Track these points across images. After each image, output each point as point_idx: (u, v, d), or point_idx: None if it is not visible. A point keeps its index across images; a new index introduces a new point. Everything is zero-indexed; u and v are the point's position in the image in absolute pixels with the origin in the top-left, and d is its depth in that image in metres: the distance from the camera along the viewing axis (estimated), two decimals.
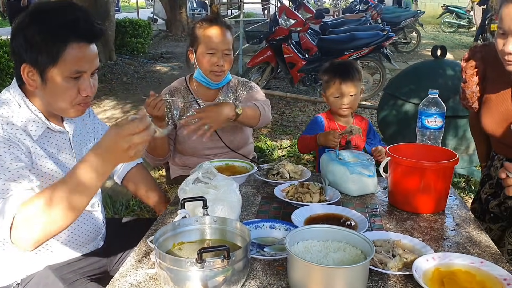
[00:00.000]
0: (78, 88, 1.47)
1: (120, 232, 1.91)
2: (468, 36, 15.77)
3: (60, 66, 1.41)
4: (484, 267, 1.33)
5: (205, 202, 1.46)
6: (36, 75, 1.43)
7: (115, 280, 1.34)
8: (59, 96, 1.46)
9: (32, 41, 1.39)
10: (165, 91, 2.49)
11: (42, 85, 1.44)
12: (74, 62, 1.42)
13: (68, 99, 1.47)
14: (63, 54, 1.40)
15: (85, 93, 1.48)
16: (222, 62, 2.34)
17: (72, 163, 1.63)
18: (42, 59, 1.40)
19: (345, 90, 2.44)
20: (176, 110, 2.46)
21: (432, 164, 1.74)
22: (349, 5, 15.06)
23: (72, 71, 1.43)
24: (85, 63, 1.45)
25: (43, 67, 1.41)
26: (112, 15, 9.92)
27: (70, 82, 1.44)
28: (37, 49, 1.39)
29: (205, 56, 2.33)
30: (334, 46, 7.19)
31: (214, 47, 2.32)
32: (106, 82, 8.53)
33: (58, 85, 1.43)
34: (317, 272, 1.19)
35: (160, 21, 17.60)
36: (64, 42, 1.40)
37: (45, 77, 1.42)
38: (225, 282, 1.21)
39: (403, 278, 1.34)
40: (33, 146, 1.48)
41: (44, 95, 1.48)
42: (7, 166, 1.34)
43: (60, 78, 1.42)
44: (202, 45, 2.33)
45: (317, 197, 1.82)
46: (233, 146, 2.51)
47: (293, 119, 6.34)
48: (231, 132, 2.49)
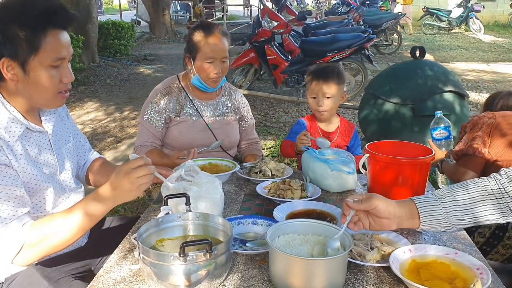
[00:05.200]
0: (60, 76, 1.51)
1: (103, 230, 1.92)
2: (449, 38, 16.03)
3: (41, 55, 1.44)
4: (459, 258, 1.37)
5: (188, 198, 1.48)
6: (17, 68, 1.44)
7: (99, 276, 1.35)
8: (42, 86, 1.49)
9: (9, 34, 1.41)
10: (160, 90, 2.52)
11: (25, 78, 1.46)
12: (54, 49, 1.46)
13: (51, 88, 1.50)
14: (43, 42, 1.43)
15: (67, 79, 1.53)
16: (220, 70, 2.40)
17: (53, 163, 1.64)
18: (23, 50, 1.42)
19: (321, 91, 2.44)
20: (172, 106, 2.49)
21: (409, 160, 1.79)
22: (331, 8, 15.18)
23: (53, 58, 1.46)
24: (64, 49, 1.49)
25: (24, 58, 1.43)
26: (94, 17, 9.85)
27: (52, 71, 1.48)
28: (16, 41, 1.41)
29: (203, 64, 2.39)
30: (317, 48, 7.26)
31: (212, 56, 2.38)
32: (89, 84, 8.48)
33: (40, 75, 1.46)
34: (297, 264, 1.22)
35: (143, 23, 17.52)
36: (43, 31, 1.43)
37: (27, 68, 1.44)
38: (208, 275, 1.23)
39: (381, 269, 1.38)
40: (14, 146, 1.48)
41: (25, 89, 1.49)
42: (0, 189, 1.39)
43: (42, 68, 1.46)
44: (201, 54, 2.39)
45: (298, 193, 1.86)
46: (226, 146, 2.57)
47: (277, 120, 6.39)
48: (225, 133, 2.55)
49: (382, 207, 1.38)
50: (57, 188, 1.64)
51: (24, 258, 1.41)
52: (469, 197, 1.39)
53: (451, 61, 11.13)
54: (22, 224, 1.40)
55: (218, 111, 2.58)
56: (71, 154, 1.77)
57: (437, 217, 1.39)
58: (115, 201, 1.43)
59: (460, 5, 17.13)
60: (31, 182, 1.52)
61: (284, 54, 7.35)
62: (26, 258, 1.41)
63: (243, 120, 2.72)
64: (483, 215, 1.38)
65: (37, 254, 1.42)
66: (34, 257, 1.43)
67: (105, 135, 5.70)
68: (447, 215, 1.38)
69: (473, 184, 1.42)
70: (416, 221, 1.41)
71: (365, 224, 1.42)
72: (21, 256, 1.39)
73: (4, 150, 1.44)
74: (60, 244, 1.44)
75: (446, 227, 1.41)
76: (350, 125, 2.65)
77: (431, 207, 1.40)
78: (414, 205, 1.41)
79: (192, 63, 2.44)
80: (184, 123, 2.48)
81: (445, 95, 3.85)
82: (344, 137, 2.57)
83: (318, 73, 2.48)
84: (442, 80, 3.89)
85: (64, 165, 1.70)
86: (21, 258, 1.40)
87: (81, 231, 1.45)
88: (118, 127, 6.05)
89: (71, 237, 1.44)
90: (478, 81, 8.93)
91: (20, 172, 1.48)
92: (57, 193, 1.63)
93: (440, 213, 1.39)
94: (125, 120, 6.36)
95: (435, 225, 1.40)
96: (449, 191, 1.42)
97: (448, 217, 1.38)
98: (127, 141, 5.29)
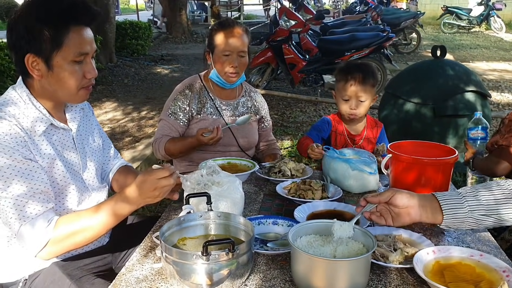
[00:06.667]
0: (83, 71, 1.53)
1: (125, 229, 1.93)
2: (468, 37, 15.80)
3: (64, 51, 1.47)
4: (484, 260, 1.35)
5: (209, 197, 1.48)
6: (41, 64, 1.48)
7: (122, 274, 1.36)
8: (66, 81, 1.51)
9: (34, 31, 1.44)
10: (183, 87, 2.55)
11: (48, 73, 1.49)
12: (76, 45, 1.48)
13: (75, 83, 1.53)
14: (65, 38, 1.46)
15: (90, 75, 1.55)
16: (237, 64, 2.41)
17: (76, 162, 1.66)
18: (46, 46, 1.45)
19: (357, 94, 2.33)
20: (194, 104, 2.51)
21: (432, 160, 1.77)
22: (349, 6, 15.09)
23: (76, 53, 1.49)
24: (87, 45, 1.52)
25: (48, 54, 1.46)
26: (112, 17, 9.95)
27: (75, 66, 1.51)
28: (40, 37, 1.44)
29: (220, 58, 2.42)
30: (335, 47, 7.21)
31: (229, 49, 2.39)
32: (107, 84, 8.56)
33: (64, 70, 1.49)
34: (320, 265, 1.21)
35: (159, 23, 17.62)
36: (65, 27, 1.46)
37: (51, 63, 1.48)
38: (229, 275, 1.23)
39: (404, 271, 1.37)
40: (39, 141, 1.51)
41: (50, 84, 1.52)
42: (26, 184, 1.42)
43: (66, 63, 1.49)
44: (218, 47, 2.42)
45: (319, 194, 1.85)
46: (244, 147, 2.58)
47: (294, 120, 6.36)
48: (245, 133, 2.56)
49: (399, 196, 1.40)
50: (80, 186, 1.66)
51: (49, 253, 1.44)
52: (493, 198, 1.38)
53: (471, 61, 10.95)
54: (47, 220, 1.43)
55: (238, 111, 2.59)
56: (95, 154, 1.79)
57: (461, 213, 1.38)
58: (139, 205, 1.47)
59: (481, 3, 16.84)
60: (55, 178, 1.55)
61: (302, 53, 7.33)
62: (50, 253, 1.44)
63: (263, 122, 2.73)
64: (508, 215, 1.36)
65: (61, 250, 1.46)
66: (58, 252, 1.46)
67: (123, 135, 5.75)
68: (470, 211, 1.37)
69: (497, 185, 1.40)
70: (439, 216, 1.40)
71: (387, 219, 1.42)
72: (45, 251, 1.43)
73: (29, 146, 1.46)
74: (85, 241, 1.48)
75: (471, 223, 1.39)
76: (377, 124, 2.56)
77: (454, 203, 1.39)
78: (436, 200, 1.41)
79: (211, 57, 2.47)
80: (204, 121, 2.49)
81: (466, 95, 3.79)
82: (371, 137, 2.51)
83: (354, 73, 2.33)
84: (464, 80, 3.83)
85: (87, 164, 1.72)
86: (45, 253, 1.43)
87: (105, 230, 1.49)
88: (136, 126, 6.10)
89: (96, 235, 1.48)
90: (500, 81, 8.77)
91: (44, 167, 1.50)
92: (80, 191, 1.65)
93: (464, 209, 1.37)
94: (142, 120, 6.41)
95: (458, 221, 1.39)
96: (473, 190, 1.40)
97: (472, 213, 1.37)
98: (145, 140, 5.32)
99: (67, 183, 1.59)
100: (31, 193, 1.42)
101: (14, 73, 6.06)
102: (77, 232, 1.44)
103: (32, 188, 1.42)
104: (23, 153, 1.43)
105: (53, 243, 1.42)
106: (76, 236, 1.44)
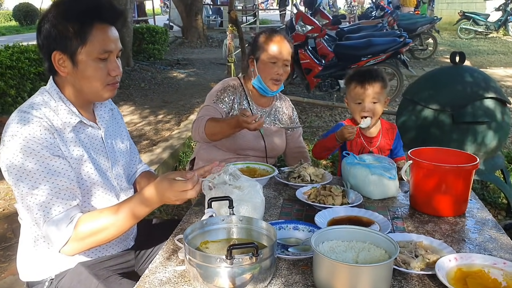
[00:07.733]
0: (107, 69, 1.57)
1: (149, 232, 1.95)
2: (486, 42, 15.64)
3: (88, 47, 1.51)
4: (507, 268, 1.34)
5: (231, 202, 1.50)
6: (67, 61, 1.53)
7: (145, 277, 1.38)
8: (91, 77, 1.55)
9: (59, 28, 1.50)
10: (225, 85, 2.58)
11: (74, 69, 1.54)
12: (100, 42, 1.53)
13: (100, 80, 1.57)
14: (90, 35, 1.51)
15: (114, 73, 1.59)
16: (282, 72, 2.46)
17: (104, 161, 1.69)
18: (71, 43, 1.50)
19: (366, 95, 2.37)
20: (236, 104, 2.56)
21: (453, 167, 1.77)
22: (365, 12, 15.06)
23: (100, 51, 1.53)
24: (111, 43, 1.56)
25: (73, 50, 1.51)
26: (129, 22, 10.06)
27: (99, 63, 1.55)
28: (66, 34, 1.49)
29: (266, 65, 2.46)
30: (351, 52, 7.19)
31: (276, 56, 2.44)
32: (124, 88, 8.65)
33: (89, 66, 1.53)
34: (342, 271, 1.22)
35: (175, 28, 17.78)
36: (90, 24, 1.51)
37: (76, 60, 1.52)
38: (252, 279, 1.24)
39: (425, 277, 1.36)
40: (68, 138, 1.56)
41: (75, 81, 1.56)
42: (52, 180, 1.45)
43: (90, 59, 1.53)
44: (265, 54, 2.46)
45: (339, 199, 1.85)
46: (271, 152, 2.61)
47: (310, 125, 6.36)
48: (274, 141, 2.60)
49: None
50: (108, 185, 1.68)
51: (71, 250, 1.47)
52: None
53: (488, 67, 10.83)
54: (70, 217, 1.45)
55: (270, 118, 2.64)
56: (123, 155, 1.82)
57: None
58: (158, 206, 1.50)
59: (499, 8, 16.68)
60: (83, 176, 1.58)
61: (318, 58, 7.32)
62: (72, 249, 1.47)
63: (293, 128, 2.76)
64: None
65: (83, 247, 1.49)
66: (81, 249, 1.49)
67: (140, 138, 5.80)
68: None
69: None
70: None
71: None
72: (67, 247, 1.45)
73: (58, 142, 1.50)
74: (105, 240, 1.51)
75: None
76: (392, 126, 2.59)
77: None
78: None
79: (255, 64, 2.50)
80: None
81: (485, 101, 3.74)
82: (387, 140, 2.52)
83: (361, 76, 2.40)
84: (483, 87, 3.78)
85: (115, 163, 1.75)
86: (68, 249, 1.46)
87: (124, 230, 1.52)
88: (153, 130, 6.15)
89: (116, 234, 1.51)
90: None
91: (73, 164, 1.54)
92: (107, 191, 1.67)
93: None
94: (159, 123, 6.46)
95: None
96: None
97: None
98: (162, 144, 5.36)
99: (95, 180, 1.62)
100: (56, 190, 1.45)
101: (34, 76, 6.17)
102: (99, 231, 1.47)
103: (58, 185, 1.46)
104: (51, 149, 1.47)
105: (74, 240, 1.45)
106: (98, 235, 1.47)
